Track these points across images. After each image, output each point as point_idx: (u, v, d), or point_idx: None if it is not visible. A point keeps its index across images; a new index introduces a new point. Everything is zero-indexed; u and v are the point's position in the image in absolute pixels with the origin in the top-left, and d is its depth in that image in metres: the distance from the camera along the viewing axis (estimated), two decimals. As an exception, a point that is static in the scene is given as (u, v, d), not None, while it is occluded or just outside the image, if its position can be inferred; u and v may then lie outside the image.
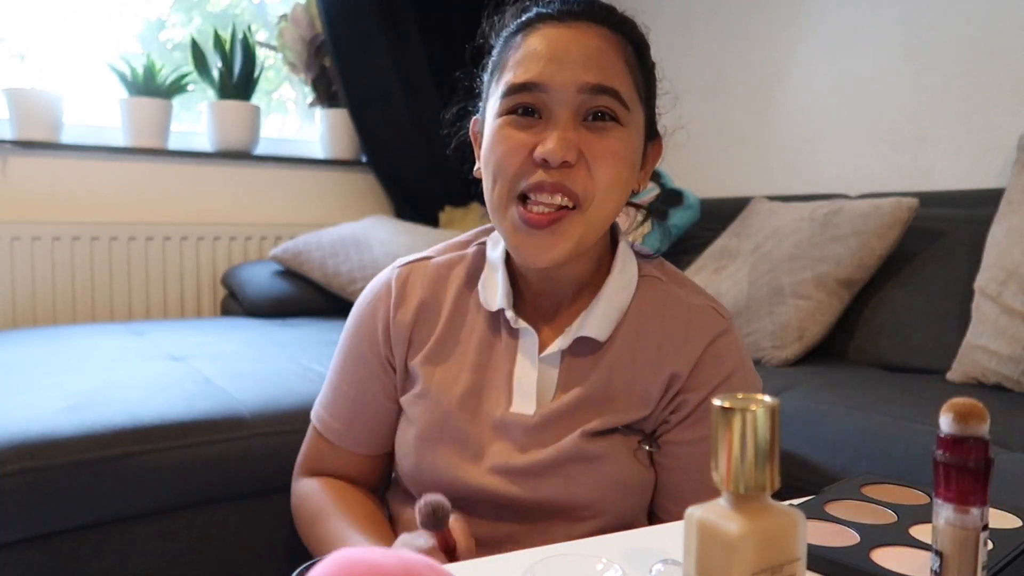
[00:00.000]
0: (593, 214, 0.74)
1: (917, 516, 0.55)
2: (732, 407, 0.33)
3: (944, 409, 0.39)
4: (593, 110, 0.73)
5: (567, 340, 0.79)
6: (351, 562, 0.33)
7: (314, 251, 2.37)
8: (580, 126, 0.73)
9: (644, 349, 0.79)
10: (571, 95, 0.72)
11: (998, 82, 1.90)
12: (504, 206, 0.75)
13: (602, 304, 0.80)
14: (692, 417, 0.78)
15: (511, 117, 0.74)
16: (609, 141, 0.73)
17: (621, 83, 0.74)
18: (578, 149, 0.72)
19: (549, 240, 0.73)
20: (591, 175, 0.73)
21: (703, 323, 0.80)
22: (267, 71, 2.91)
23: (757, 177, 2.47)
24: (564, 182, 0.72)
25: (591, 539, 0.55)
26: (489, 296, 0.83)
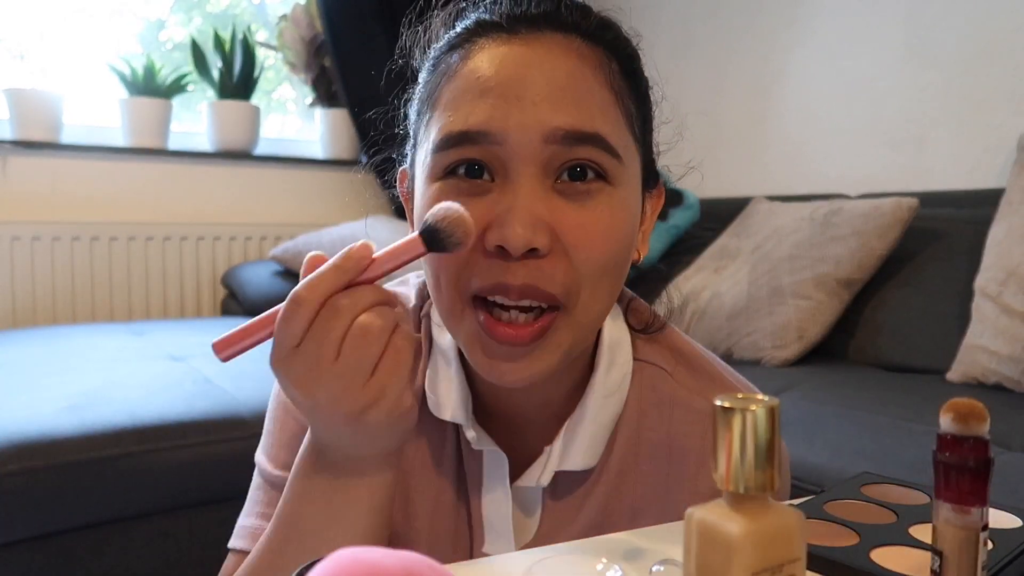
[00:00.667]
0: (581, 315, 0.53)
1: (917, 516, 0.55)
2: (732, 407, 0.33)
3: (944, 409, 0.39)
4: (569, 165, 0.51)
5: (546, 475, 0.59)
6: (351, 562, 0.33)
7: (314, 251, 2.37)
8: (551, 191, 0.51)
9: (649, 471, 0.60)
10: (535, 146, 0.50)
11: (998, 82, 1.90)
12: (459, 312, 0.53)
13: (587, 420, 0.59)
14: None
15: (449, 183, 0.52)
16: (596, 213, 0.51)
17: (607, 122, 0.52)
18: (550, 229, 0.50)
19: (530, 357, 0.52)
20: (572, 264, 0.51)
21: None
22: (267, 71, 2.91)
23: (757, 177, 2.47)
24: (535, 283, 0.50)
25: (591, 539, 0.55)
26: (442, 401, 0.60)
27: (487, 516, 0.61)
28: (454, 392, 0.60)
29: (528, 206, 0.49)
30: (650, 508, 0.59)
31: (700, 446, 0.59)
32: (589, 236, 0.51)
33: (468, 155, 0.51)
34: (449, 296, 0.53)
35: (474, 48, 0.53)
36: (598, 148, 0.51)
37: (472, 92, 0.51)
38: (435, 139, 0.53)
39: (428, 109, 0.55)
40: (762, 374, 1.61)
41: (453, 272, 0.52)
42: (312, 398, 0.46)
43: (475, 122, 0.50)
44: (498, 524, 0.60)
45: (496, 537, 0.61)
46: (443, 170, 0.52)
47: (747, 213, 2.12)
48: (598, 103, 0.52)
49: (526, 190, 0.50)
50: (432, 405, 0.61)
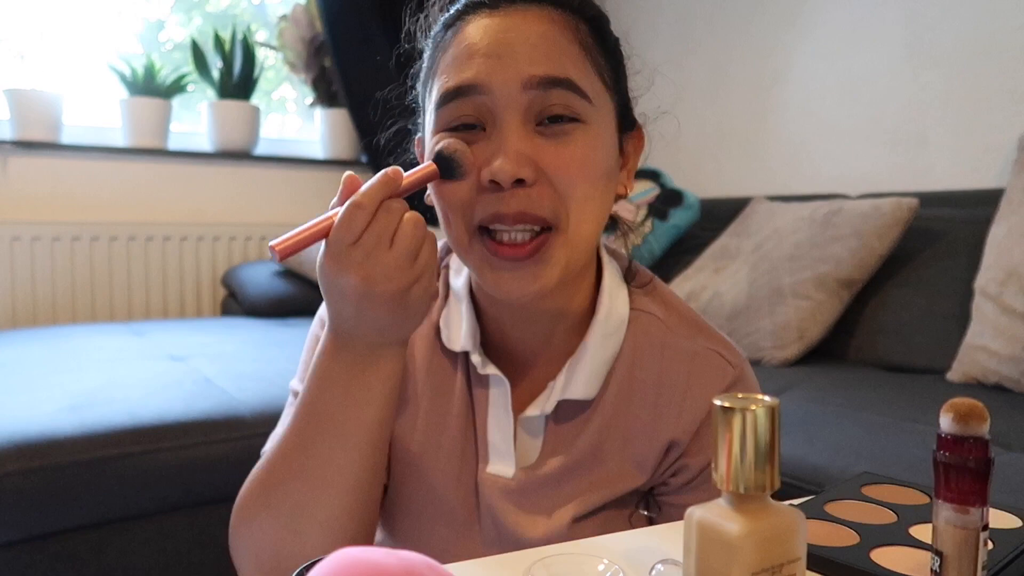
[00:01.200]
0: (574, 235, 0.61)
1: (917, 516, 0.55)
2: (732, 407, 0.33)
3: (944, 409, 0.39)
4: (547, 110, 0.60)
5: (549, 403, 0.67)
6: (351, 562, 0.33)
7: (314, 251, 2.36)
8: (534, 133, 0.60)
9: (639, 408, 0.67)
10: (516, 94, 0.59)
11: (998, 82, 1.90)
12: (467, 242, 0.63)
13: (588, 356, 0.67)
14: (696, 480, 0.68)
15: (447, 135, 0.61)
16: (572, 148, 0.60)
17: (577, 70, 0.60)
18: (534, 163, 0.59)
19: (532, 271, 0.60)
20: (557, 192, 0.60)
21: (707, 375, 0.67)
22: (267, 71, 2.91)
23: (757, 177, 2.47)
24: (526, 209, 0.59)
25: (591, 539, 0.55)
26: (453, 334, 0.70)
27: (491, 439, 0.68)
28: (464, 325, 0.69)
29: (513, 145, 0.59)
30: (639, 437, 0.67)
31: (686, 381, 0.67)
32: (568, 166, 0.60)
33: (462, 110, 0.61)
34: (457, 229, 0.63)
35: (463, 24, 0.63)
36: (569, 91, 0.60)
37: (463, 56, 0.61)
38: (436, 98, 0.62)
39: (430, 79, 0.65)
40: (762, 374, 1.61)
41: (458, 208, 0.62)
42: (368, 279, 0.56)
43: (466, 78, 0.60)
44: (501, 446, 0.68)
45: (499, 458, 0.68)
46: (443, 124, 0.62)
47: (747, 213, 2.12)
48: (567, 55, 0.61)
49: (511, 132, 0.59)
50: (445, 339, 0.70)
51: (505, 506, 0.67)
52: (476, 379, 0.69)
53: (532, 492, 0.67)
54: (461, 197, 0.61)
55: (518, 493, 0.67)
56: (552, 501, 0.67)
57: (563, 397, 0.66)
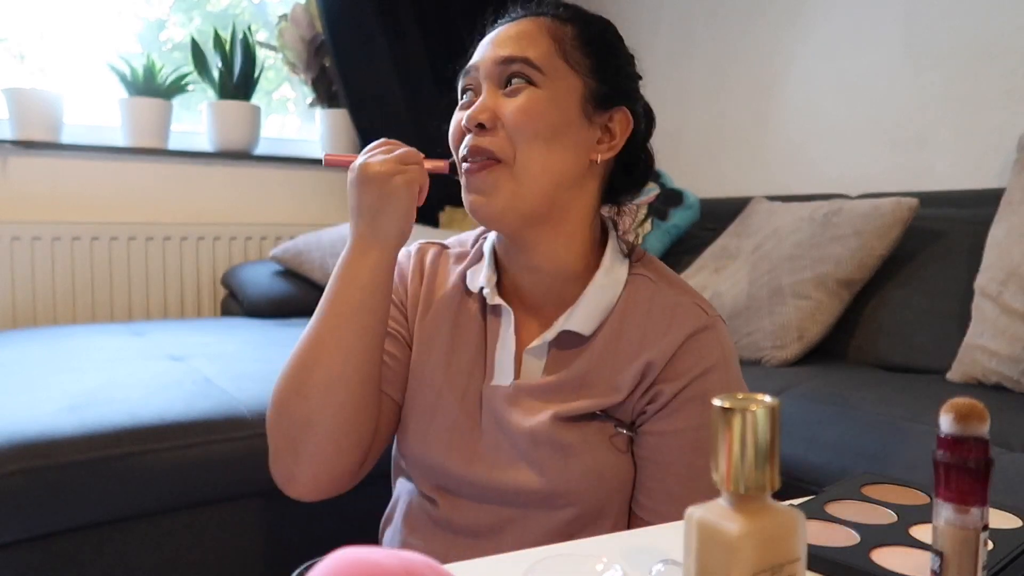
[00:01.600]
0: (520, 170, 0.79)
1: (917, 516, 0.55)
2: (732, 407, 0.33)
3: (944, 409, 0.39)
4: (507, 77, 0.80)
5: (552, 332, 0.82)
6: (351, 562, 0.33)
7: (314, 251, 2.37)
8: (500, 95, 0.80)
9: (626, 341, 0.81)
10: (490, 68, 0.81)
11: (998, 82, 1.90)
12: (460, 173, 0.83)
13: (588, 300, 0.82)
14: (668, 408, 0.78)
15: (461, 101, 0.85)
16: (521, 100, 0.79)
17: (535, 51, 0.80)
18: (493, 112, 0.79)
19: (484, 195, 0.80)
20: (507, 134, 0.79)
21: (686, 317, 0.80)
22: (267, 71, 2.91)
23: (757, 177, 2.47)
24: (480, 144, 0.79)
25: (591, 539, 0.55)
26: (474, 278, 0.88)
27: (497, 357, 0.84)
28: (484, 271, 0.87)
29: (483, 101, 0.80)
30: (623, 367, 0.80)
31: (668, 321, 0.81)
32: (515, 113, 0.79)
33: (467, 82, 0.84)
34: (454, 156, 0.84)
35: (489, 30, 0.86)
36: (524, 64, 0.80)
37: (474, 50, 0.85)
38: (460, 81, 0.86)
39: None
40: (762, 374, 1.61)
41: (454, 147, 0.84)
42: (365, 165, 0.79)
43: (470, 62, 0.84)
44: (503, 362, 0.84)
45: (502, 373, 0.84)
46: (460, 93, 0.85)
47: (747, 213, 2.12)
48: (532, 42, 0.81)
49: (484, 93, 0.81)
50: (469, 282, 0.88)
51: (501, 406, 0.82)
52: (491, 312, 0.86)
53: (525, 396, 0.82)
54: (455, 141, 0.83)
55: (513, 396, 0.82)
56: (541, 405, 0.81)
57: (564, 328, 0.81)
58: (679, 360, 0.79)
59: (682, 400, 0.78)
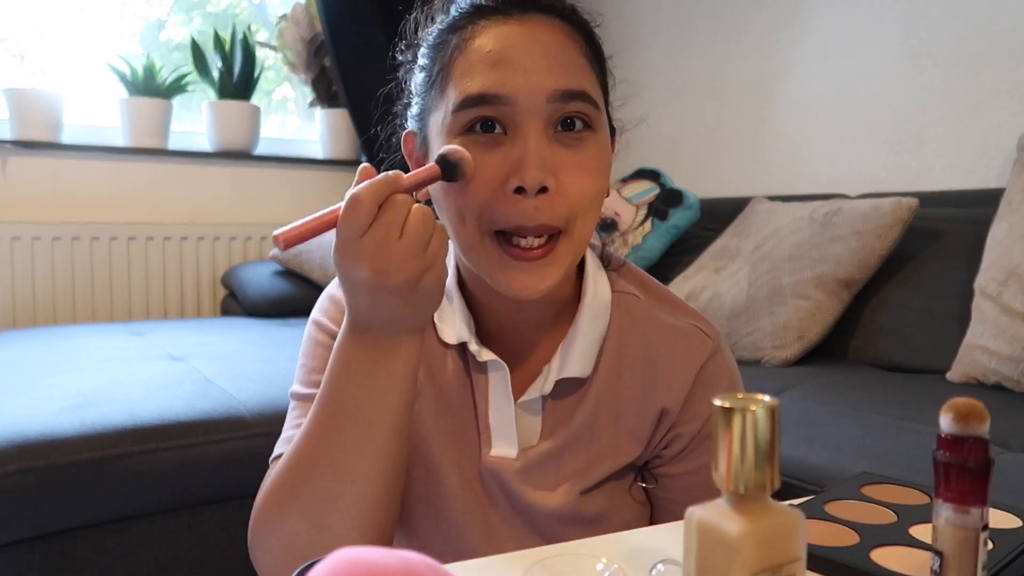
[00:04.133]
0: (577, 236, 0.66)
1: (917, 516, 0.55)
2: (732, 407, 0.33)
3: (944, 409, 0.39)
4: (563, 118, 0.64)
5: (548, 384, 0.70)
6: (351, 562, 0.33)
7: (314, 251, 2.37)
8: (552, 140, 0.63)
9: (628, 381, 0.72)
10: (541, 105, 0.62)
11: (998, 82, 1.90)
12: (478, 243, 0.65)
13: (580, 336, 0.71)
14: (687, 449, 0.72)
15: (469, 137, 0.63)
16: (586, 154, 0.64)
17: (588, 83, 0.65)
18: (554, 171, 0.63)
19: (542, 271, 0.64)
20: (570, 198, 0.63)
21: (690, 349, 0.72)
22: (267, 71, 2.91)
23: (757, 177, 2.47)
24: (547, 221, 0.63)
25: (591, 539, 0.55)
26: (447, 328, 0.73)
27: (494, 423, 0.71)
28: (458, 319, 0.72)
29: (539, 153, 0.62)
30: (631, 409, 0.71)
31: (671, 354, 0.72)
32: (583, 174, 0.64)
33: (484, 113, 0.63)
34: (470, 230, 0.65)
35: (477, 28, 0.65)
36: (585, 102, 0.64)
37: (484, 63, 0.63)
38: (455, 102, 0.64)
39: (441, 79, 0.66)
40: (762, 374, 1.61)
41: (476, 210, 0.64)
42: (381, 271, 0.57)
43: (490, 86, 0.62)
44: (504, 429, 0.71)
45: (502, 440, 0.71)
46: (462, 127, 0.64)
47: (747, 213, 2.12)
48: (580, 68, 0.65)
49: (535, 140, 0.62)
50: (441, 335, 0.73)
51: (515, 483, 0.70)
52: (475, 367, 0.72)
53: (536, 470, 0.70)
54: (479, 201, 0.63)
55: (524, 472, 0.70)
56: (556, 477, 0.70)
57: (560, 376, 0.70)
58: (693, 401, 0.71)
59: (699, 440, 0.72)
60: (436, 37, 0.68)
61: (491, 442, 0.71)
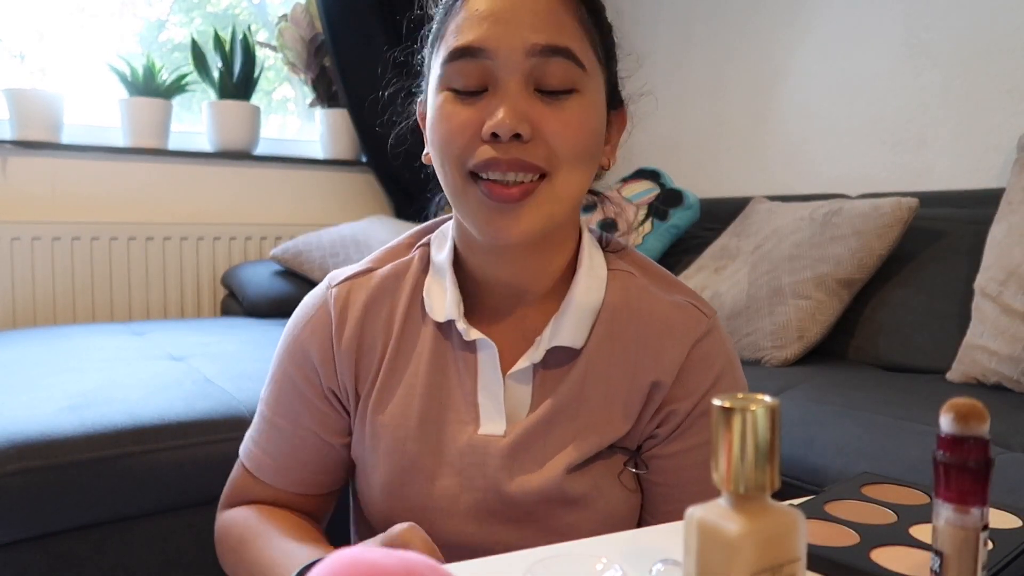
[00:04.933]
0: (560, 187, 0.66)
1: (917, 516, 0.55)
2: (732, 407, 0.33)
3: (944, 409, 0.39)
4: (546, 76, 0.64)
5: (539, 352, 0.70)
6: (351, 562, 0.33)
7: (314, 251, 2.37)
8: (532, 96, 0.64)
9: (620, 354, 0.71)
10: (519, 59, 0.63)
11: (998, 82, 1.90)
12: (461, 186, 0.67)
13: (573, 307, 0.71)
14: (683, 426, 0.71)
15: (453, 93, 0.66)
16: (567, 112, 0.65)
17: (576, 42, 0.65)
18: (531, 121, 0.63)
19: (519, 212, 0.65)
20: (550, 148, 0.64)
21: (684, 324, 0.71)
22: (267, 71, 2.91)
23: (757, 177, 2.47)
24: (521, 156, 0.63)
25: (591, 539, 0.55)
26: (436, 305, 0.73)
27: (481, 400, 0.71)
28: (447, 296, 0.72)
29: (514, 103, 0.63)
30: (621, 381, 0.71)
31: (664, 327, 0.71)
32: (563, 127, 0.64)
33: (468, 67, 0.65)
34: (453, 174, 0.67)
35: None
36: (567, 59, 0.64)
37: (472, 20, 0.65)
38: (444, 56, 0.66)
39: (438, 40, 0.69)
40: (762, 374, 1.61)
41: (455, 156, 0.66)
42: None
43: (474, 39, 0.64)
44: (492, 407, 0.71)
45: (490, 419, 0.71)
46: (448, 81, 0.66)
47: (747, 213, 2.12)
48: (568, 28, 0.65)
49: (513, 92, 0.64)
50: (428, 310, 0.73)
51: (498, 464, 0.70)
52: (462, 346, 0.72)
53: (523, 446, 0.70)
54: (459, 146, 0.65)
55: (510, 449, 0.70)
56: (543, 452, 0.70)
57: (552, 345, 0.70)
58: (687, 376, 0.70)
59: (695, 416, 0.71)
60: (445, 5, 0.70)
61: (479, 420, 0.71)
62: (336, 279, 0.77)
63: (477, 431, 0.71)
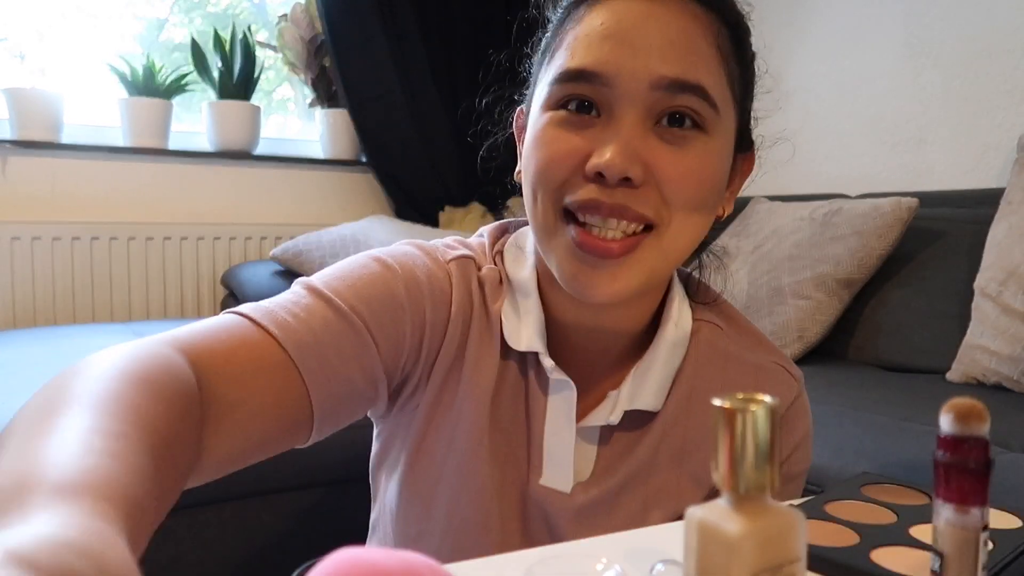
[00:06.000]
0: (668, 243, 0.57)
1: (917, 516, 0.55)
2: (732, 407, 0.33)
3: (944, 409, 0.39)
4: (670, 111, 0.56)
5: (616, 413, 0.62)
6: (351, 562, 0.33)
7: (314, 251, 2.37)
8: (650, 132, 0.56)
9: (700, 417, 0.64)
10: (642, 91, 0.55)
11: (998, 82, 1.90)
12: (552, 226, 0.58)
13: (657, 366, 0.63)
14: None
15: (560, 113, 0.57)
16: (689, 157, 0.56)
17: (710, 78, 0.56)
18: (645, 163, 0.55)
19: (617, 271, 0.56)
20: (663, 198, 0.56)
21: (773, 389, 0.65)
22: (267, 71, 2.91)
23: (757, 177, 2.47)
24: (627, 204, 0.55)
25: (591, 539, 0.55)
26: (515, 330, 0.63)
27: (548, 447, 0.63)
28: (532, 322, 0.63)
29: (627, 140, 0.54)
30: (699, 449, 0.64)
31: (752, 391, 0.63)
32: (681, 174, 0.56)
33: (580, 91, 0.56)
34: (544, 208, 0.58)
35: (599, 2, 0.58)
36: (699, 98, 0.55)
37: (593, 37, 0.56)
38: (555, 73, 0.58)
39: (551, 51, 0.60)
40: (762, 374, 1.61)
41: (551, 188, 0.57)
42: None
43: (591, 62, 0.55)
44: (559, 456, 0.63)
45: (556, 469, 0.63)
46: (557, 102, 0.58)
47: (747, 213, 2.12)
48: (703, 59, 0.56)
49: (627, 127, 0.55)
50: (508, 335, 0.63)
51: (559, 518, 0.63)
52: (538, 380, 0.64)
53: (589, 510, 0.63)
54: (556, 179, 0.57)
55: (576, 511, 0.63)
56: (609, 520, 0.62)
57: (631, 407, 0.63)
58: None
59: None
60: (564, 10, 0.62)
61: (542, 470, 0.63)
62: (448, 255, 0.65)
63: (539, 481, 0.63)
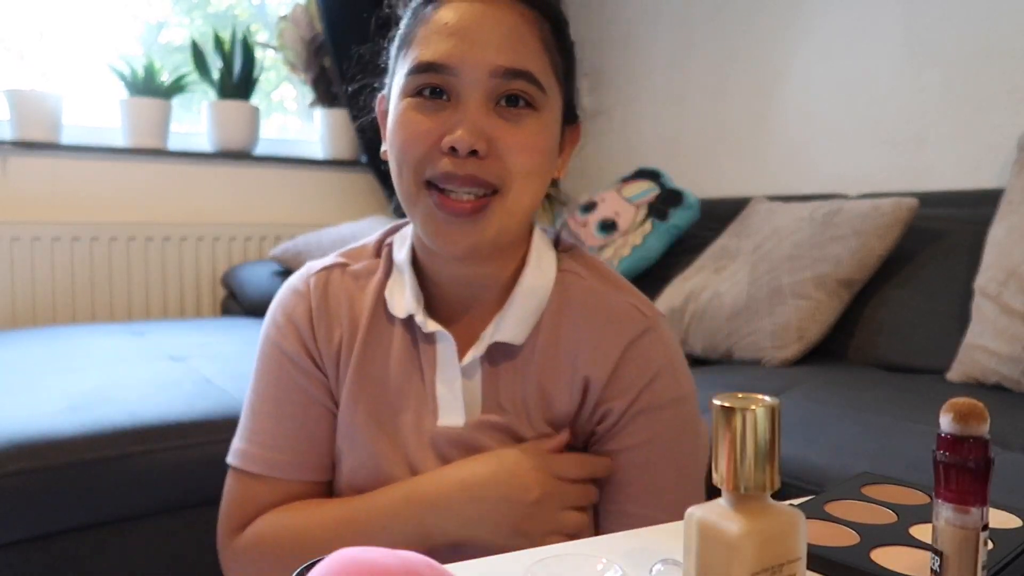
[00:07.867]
0: (512, 203, 0.69)
1: (917, 516, 0.55)
2: (732, 407, 0.33)
3: (944, 409, 0.39)
4: (506, 94, 0.68)
5: (481, 347, 0.73)
6: (351, 562, 0.33)
7: (314, 251, 2.37)
8: (491, 112, 0.67)
9: (561, 353, 0.73)
10: (483, 78, 0.67)
11: (998, 82, 1.90)
12: (415, 194, 0.70)
13: (516, 305, 0.74)
14: (619, 425, 0.72)
15: (416, 100, 0.69)
16: (524, 131, 0.68)
17: (537, 65, 0.68)
18: (488, 138, 0.67)
19: (471, 227, 0.68)
20: (504, 165, 0.67)
21: (622, 323, 0.73)
22: (267, 71, 2.91)
23: (757, 177, 2.47)
24: (477, 173, 0.67)
25: (591, 539, 0.55)
26: (396, 301, 0.76)
27: (440, 393, 0.74)
28: (408, 292, 0.75)
29: (473, 120, 0.66)
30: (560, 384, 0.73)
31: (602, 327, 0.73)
32: (519, 146, 0.68)
33: (432, 80, 0.68)
34: (408, 181, 0.70)
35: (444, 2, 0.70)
36: (528, 82, 0.68)
37: (440, 34, 0.68)
38: (410, 66, 0.69)
39: (405, 46, 0.72)
40: (762, 374, 1.61)
41: (413, 163, 0.69)
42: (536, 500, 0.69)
43: (440, 55, 0.67)
44: (450, 398, 0.74)
45: (449, 410, 0.74)
46: (412, 91, 0.69)
47: (747, 213, 2.12)
48: (531, 50, 0.69)
49: (473, 109, 0.67)
50: (391, 308, 0.76)
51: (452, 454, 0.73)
52: (422, 339, 0.75)
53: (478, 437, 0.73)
54: (417, 155, 0.68)
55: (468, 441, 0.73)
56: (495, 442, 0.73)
57: (494, 340, 0.73)
58: (621, 374, 0.72)
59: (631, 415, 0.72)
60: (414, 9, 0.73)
61: (438, 412, 0.74)
62: (314, 268, 0.80)
63: (437, 422, 0.74)
